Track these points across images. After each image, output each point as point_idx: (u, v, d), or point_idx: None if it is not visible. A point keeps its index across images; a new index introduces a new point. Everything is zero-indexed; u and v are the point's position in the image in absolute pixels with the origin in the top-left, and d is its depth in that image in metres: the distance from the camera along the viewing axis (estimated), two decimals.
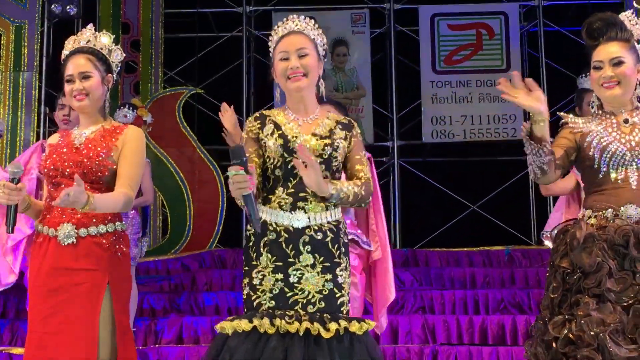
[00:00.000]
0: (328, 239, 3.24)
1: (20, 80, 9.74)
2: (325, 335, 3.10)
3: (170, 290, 8.37)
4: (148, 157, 6.99)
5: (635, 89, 3.54)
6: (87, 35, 3.85)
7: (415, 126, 11.14)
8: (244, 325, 3.15)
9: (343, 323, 3.14)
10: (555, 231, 3.59)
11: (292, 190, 3.26)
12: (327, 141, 3.32)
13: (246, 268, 3.29)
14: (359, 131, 3.47)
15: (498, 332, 6.87)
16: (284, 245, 3.22)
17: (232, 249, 9.51)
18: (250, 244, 3.30)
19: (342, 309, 3.23)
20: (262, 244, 3.25)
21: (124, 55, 4.00)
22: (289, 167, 3.28)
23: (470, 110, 10.95)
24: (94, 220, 3.59)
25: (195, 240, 9.87)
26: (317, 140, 3.32)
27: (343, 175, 3.48)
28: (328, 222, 3.26)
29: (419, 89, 11.07)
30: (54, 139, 3.87)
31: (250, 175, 2.99)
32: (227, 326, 3.20)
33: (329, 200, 3.21)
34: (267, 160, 3.32)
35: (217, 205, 9.89)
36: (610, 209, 3.41)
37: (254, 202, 3.03)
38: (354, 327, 3.16)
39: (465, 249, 9.24)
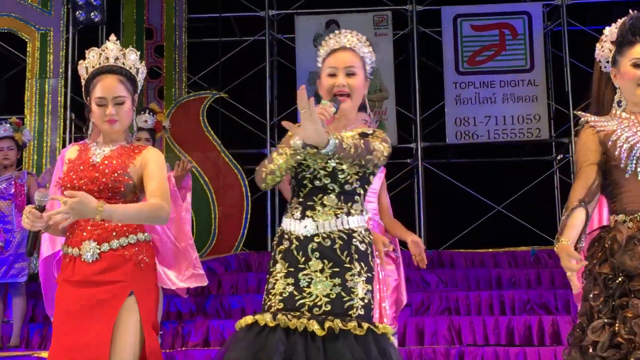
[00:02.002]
0: (336, 245, 3.26)
1: (46, 87, 9.83)
2: (319, 332, 3.12)
3: (197, 293, 8.39)
4: (172, 161, 7.03)
5: None
6: (114, 52, 3.73)
7: (438, 127, 11.11)
8: (248, 319, 3.24)
9: (337, 322, 3.14)
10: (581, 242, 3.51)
11: (302, 199, 3.33)
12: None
13: (267, 275, 3.39)
14: (382, 134, 3.40)
15: (525, 332, 6.86)
16: (295, 252, 3.29)
17: (257, 252, 9.54)
18: (272, 253, 3.39)
19: (350, 312, 3.21)
20: (278, 251, 3.34)
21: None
22: (299, 177, 3.33)
23: (494, 110, 10.91)
24: (114, 233, 3.61)
25: (221, 243, 9.90)
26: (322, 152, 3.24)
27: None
28: (339, 230, 3.28)
29: (442, 90, 11.04)
30: (73, 152, 3.81)
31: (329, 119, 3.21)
32: (237, 323, 3.32)
33: (329, 151, 3.08)
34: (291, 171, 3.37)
35: (242, 209, 9.92)
36: None
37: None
38: (351, 325, 3.15)
39: (491, 249, 9.22)
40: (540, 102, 10.90)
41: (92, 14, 9.93)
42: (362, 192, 3.39)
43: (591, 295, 3.34)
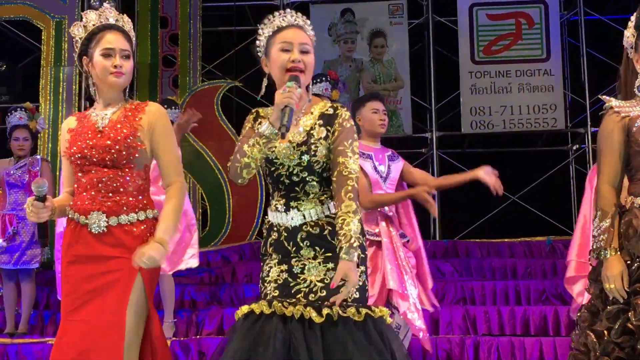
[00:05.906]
0: (326, 232, 3.23)
1: (61, 75, 9.84)
2: (317, 320, 3.10)
3: (211, 282, 8.41)
4: (186, 150, 7.04)
5: None
6: (114, 15, 3.77)
7: (454, 117, 11.08)
8: (244, 309, 3.26)
9: (336, 309, 3.11)
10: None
11: (284, 192, 3.28)
12: (303, 148, 3.24)
13: (261, 263, 3.38)
14: (347, 117, 3.31)
15: (540, 323, 6.83)
16: (285, 243, 3.27)
17: None
18: (263, 242, 3.39)
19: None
20: (269, 243, 3.33)
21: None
22: (275, 175, 3.29)
23: (510, 100, 10.87)
24: (125, 208, 3.57)
25: (235, 232, 9.92)
26: (293, 149, 3.24)
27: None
28: (326, 217, 3.25)
29: (457, 80, 11.00)
30: (72, 122, 3.77)
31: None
32: (235, 314, 3.34)
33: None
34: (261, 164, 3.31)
35: (257, 197, 9.92)
36: None
37: (291, 115, 3.13)
38: (350, 312, 3.12)
39: (506, 239, 9.20)
40: (557, 92, 10.84)
41: (107, 2, 9.94)
42: None
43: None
